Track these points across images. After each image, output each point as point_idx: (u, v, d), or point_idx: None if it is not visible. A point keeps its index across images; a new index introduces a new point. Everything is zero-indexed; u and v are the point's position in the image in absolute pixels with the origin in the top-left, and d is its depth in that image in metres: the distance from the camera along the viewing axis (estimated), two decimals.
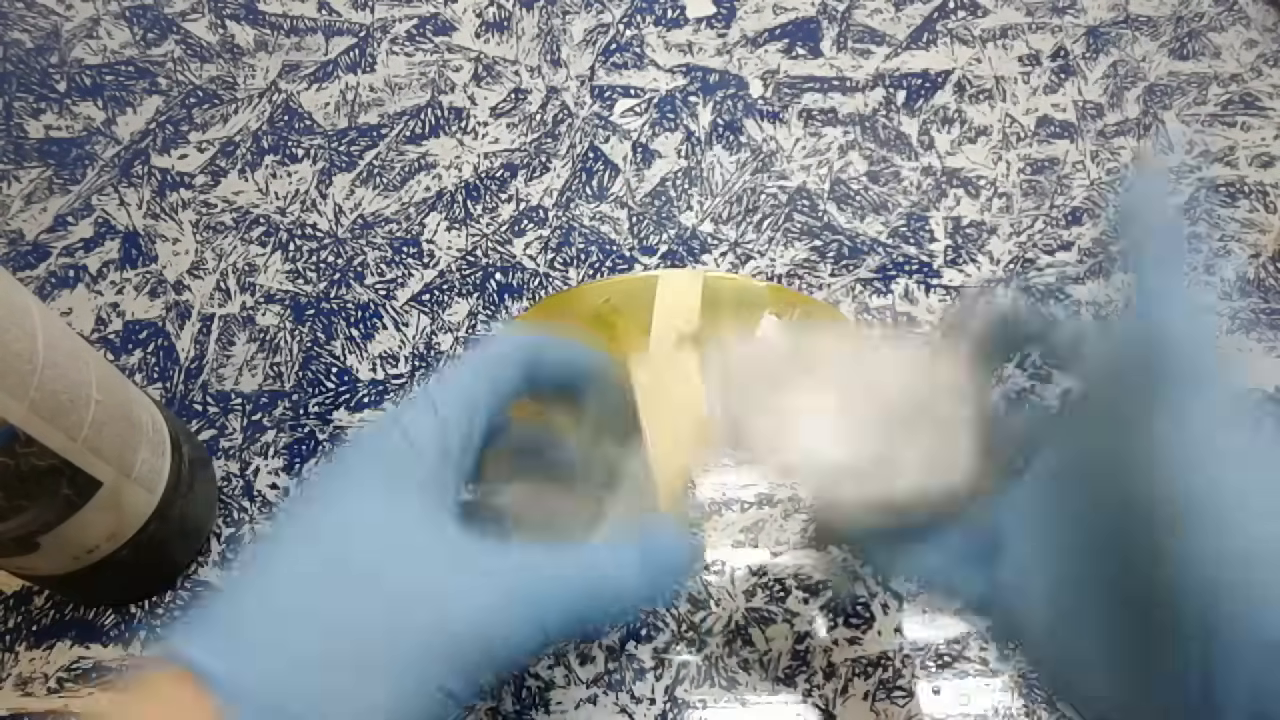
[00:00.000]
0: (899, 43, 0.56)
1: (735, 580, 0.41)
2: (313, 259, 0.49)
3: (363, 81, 0.55)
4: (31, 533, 0.33)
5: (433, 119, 0.53)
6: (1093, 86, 0.54)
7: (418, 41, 0.56)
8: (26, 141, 0.52)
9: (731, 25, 0.57)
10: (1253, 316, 0.47)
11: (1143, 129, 0.53)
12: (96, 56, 0.55)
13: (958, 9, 0.57)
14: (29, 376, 0.30)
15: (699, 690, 0.39)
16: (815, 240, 0.50)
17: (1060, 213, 0.50)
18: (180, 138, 0.53)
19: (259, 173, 0.52)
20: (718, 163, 0.52)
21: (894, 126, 0.53)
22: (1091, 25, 0.57)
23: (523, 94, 0.54)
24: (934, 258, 0.49)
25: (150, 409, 0.38)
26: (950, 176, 0.51)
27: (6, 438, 0.29)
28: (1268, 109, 0.53)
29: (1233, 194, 0.51)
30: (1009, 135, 0.53)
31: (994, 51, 0.56)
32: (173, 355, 0.46)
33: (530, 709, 0.39)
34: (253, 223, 0.50)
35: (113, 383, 0.35)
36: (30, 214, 0.50)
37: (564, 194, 0.51)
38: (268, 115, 0.53)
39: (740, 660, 0.39)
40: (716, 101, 0.54)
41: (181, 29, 0.57)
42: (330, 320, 0.47)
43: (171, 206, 0.51)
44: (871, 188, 0.51)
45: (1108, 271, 0.49)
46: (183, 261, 0.49)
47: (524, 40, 0.56)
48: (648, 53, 0.56)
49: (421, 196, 0.51)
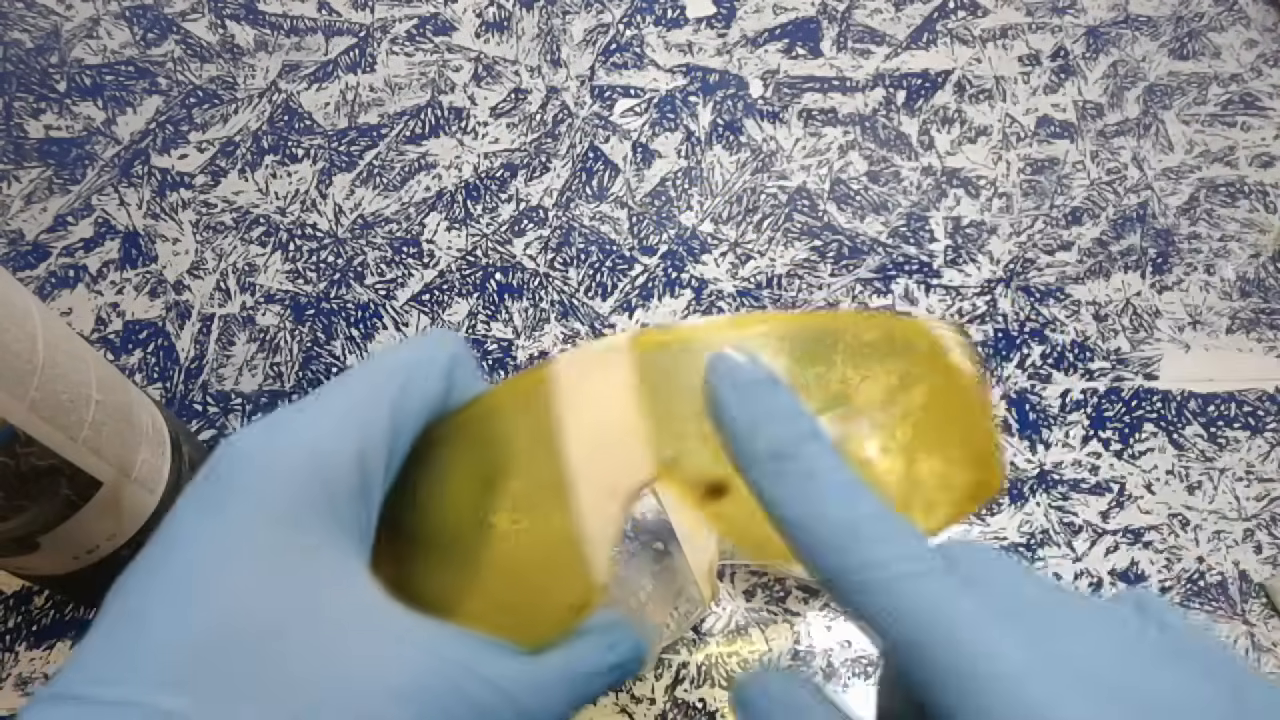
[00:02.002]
0: (899, 43, 0.56)
1: (735, 580, 0.41)
2: (313, 259, 0.49)
3: (363, 81, 0.55)
4: (31, 533, 0.33)
5: (433, 119, 0.53)
6: (1093, 86, 0.54)
7: (418, 41, 0.56)
8: (26, 141, 0.52)
9: (731, 25, 0.57)
10: (1253, 316, 0.47)
11: (1143, 129, 0.53)
12: (96, 56, 0.55)
13: (958, 9, 0.57)
14: (29, 376, 0.30)
15: (699, 690, 0.39)
16: (815, 240, 0.50)
17: (1060, 213, 0.50)
18: (180, 138, 0.53)
19: (259, 173, 0.52)
20: (718, 163, 0.52)
21: (894, 126, 0.53)
22: (1091, 25, 0.57)
23: (523, 94, 0.54)
24: (934, 258, 0.49)
25: (150, 409, 0.38)
26: (950, 176, 0.51)
27: (6, 438, 0.29)
28: (1268, 109, 0.53)
29: (1233, 194, 0.51)
30: (1009, 135, 0.53)
31: (994, 51, 0.56)
32: (173, 355, 0.46)
33: None
34: (253, 223, 0.50)
35: (113, 383, 0.35)
36: (30, 214, 0.50)
37: (564, 194, 0.51)
38: (268, 115, 0.53)
39: (740, 660, 0.39)
40: (716, 101, 0.54)
41: (181, 29, 0.57)
42: (330, 320, 0.47)
43: (171, 206, 0.51)
44: (871, 188, 0.51)
45: (1108, 271, 0.49)
46: (183, 261, 0.49)
47: (524, 40, 0.56)
48: (648, 53, 0.56)
49: (421, 196, 0.51)
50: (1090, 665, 0.17)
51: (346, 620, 0.19)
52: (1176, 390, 0.46)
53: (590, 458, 0.21)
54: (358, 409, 0.21)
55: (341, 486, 0.20)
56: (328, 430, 0.20)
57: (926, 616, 0.17)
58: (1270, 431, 0.44)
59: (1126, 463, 0.44)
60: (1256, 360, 0.46)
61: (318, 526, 0.20)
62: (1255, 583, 0.41)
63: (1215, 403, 0.45)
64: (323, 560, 0.20)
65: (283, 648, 0.18)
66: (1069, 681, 0.16)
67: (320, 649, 0.18)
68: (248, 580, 0.19)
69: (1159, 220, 0.50)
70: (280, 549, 0.19)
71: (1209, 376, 0.46)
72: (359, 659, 0.19)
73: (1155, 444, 0.44)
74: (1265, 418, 0.45)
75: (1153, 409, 0.45)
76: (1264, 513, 0.43)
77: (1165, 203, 0.51)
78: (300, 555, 0.19)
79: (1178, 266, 0.49)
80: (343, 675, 0.18)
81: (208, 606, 0.18)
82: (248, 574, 0.19)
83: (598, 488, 0.21)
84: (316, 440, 0.20)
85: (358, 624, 0.19)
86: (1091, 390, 0.46)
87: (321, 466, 0.20)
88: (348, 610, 0.19)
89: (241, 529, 0.19)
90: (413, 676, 0.19)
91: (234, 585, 0.19)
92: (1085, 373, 0.46)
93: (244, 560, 0.19)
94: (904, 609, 0.17)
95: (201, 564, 0.19)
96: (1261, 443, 0.44)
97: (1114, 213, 0.50)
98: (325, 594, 0.19)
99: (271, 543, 0.19)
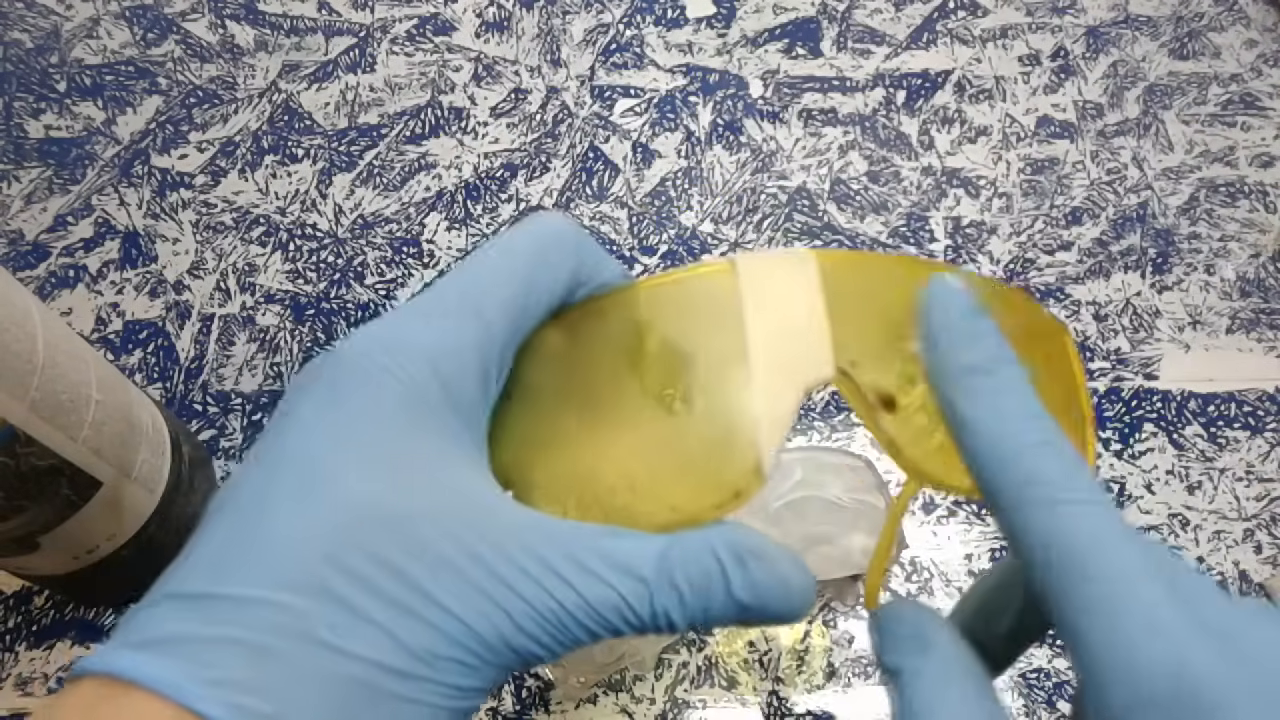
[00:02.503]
0: (899, 43, 0.56)
1: None
2: (313, 259, 0.49)
3: (363, 81, 0.55)
4: (31, 533, 0.33)
5: (433, 119, 0.53)
6: (1093, 86, 0.54)
7: (418, 41, 0.56)
8: (26, 141, 0.52)
9: (731, 25, 0.57)
10: (1253, 316, 0.47)
11: (1142, 129, 0.53)
12: (96, 56, 0.55)
13: (958, 9, 0.57)
14: (29, 376, 0.30)
15: (699, 690, 0.39)
16: (815, 240, 0.50)
17: (1060, 213, 0.50)
18: (180, 138, 0.53)
19: (259, 173, 0.52)
20: (718, 163, 0.52)
21: (894, 126, 0.53)
22: (1091, 25, 0.57)
23: (523, 94, 0.54)
24: (934, 258, 0.49)
25: (150, 409, 0.38)
26: (950, 176, 0.51)
27: (6, 438, 0.29)
28: (1268, 109, 0.53)
29: (1233, 194, 0.51)
30: (1009, 135, 0.53)
31: (994, 51, 0.56)
32: (173, 355, 0.46)
33: (530, 709, 0.39)
34: (253, 223, 0.50)
35: (113, 383, 0.35)
36: (30, 214, 0.50)
37: (564, 194, 0.51)
38: (268, 115, 0.53)
39: (740, 660, 0.39)
40: (716, 101, 0.54)
41: (181, 29, 0.57)
42: (330, 320, 0.47)
43: (171, 206, 0.51)
44: (871, 188, 0.51)
45: (1108, 271, 0.49)
46: (183, 261, 0.49)
47: (524, 40, 0.56)
48: (648, 53, 0.56)
49: (421, 196, 0.51)
50: (1240, 630, 0.17)
51: (470, 519, 0.19)
52: (1176, 390, 0.46)
53: (773, 345, 0.22)
54: (477, 309, 0.20)
55: (461, 386, 0.20)
56: (448, 331, 0.20)
57: (1085, 541, 0.17)
58: (1270, 431, 0.44)
59: (1126, 463, 0.44)
60: (1256, 360, 0.46)
61: (437, 425, 0.19)
62: (1255, 583, 0.41)
63: (1215, 403, 0.45)
64: (446, 458, 0.19)
65: (407, 547, 0.18)
66: (1213, 642, 0.16)
67: (445, 549, 0.18)
68: (371, 477, 0.18)
69: (1159, 220, 0.50)
70: (401, 447, 0.19)
71: (1209, 376, 0.46)
72: (485, 559, 0.18)
73: (1155, 444, 0.44)
74: (1265, 418, 0.45)
75: (1153, 409, 0.45)
76: (1264, 513, 0.43)
77: (1165, 203, 0.50)
78: (423, 454, 0.19)
79: (1178, 266, 0.49)
80: (469, 578, 0.18)
81: (333, 502, 0.18)
82: (371, 471, 0.18)
83: (778, 373, 0.21)
84: (437, 342, 0.20)
85: (481, 523, 0.19)
86: (1091, 390, 0.46)
87: (440, 368, 0.19)
88: (470, 508, 0.19)
89: (362, 425, 0.19)
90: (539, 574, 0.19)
91: (358, 481, 0.18)
92: (1085, 372, 0.46)
93: (367, 456, 0.19)
94: (1063, 530, 0.17)
95: (323, 459, 0.18)
96: (1261, 443, 0.44)
97: (1114, 213, 0.50)
98: (447, 492, 0.19)
99: (393, 440, 0.19)
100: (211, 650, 0.16)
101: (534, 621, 0.18)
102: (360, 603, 0.17)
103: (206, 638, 0.17)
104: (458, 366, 0.20)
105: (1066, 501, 0.17)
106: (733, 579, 0.19)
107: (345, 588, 0.17)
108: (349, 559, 0.17)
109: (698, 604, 0.19)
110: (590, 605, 0.19)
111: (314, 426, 0.19)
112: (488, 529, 0.19)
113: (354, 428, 0.19)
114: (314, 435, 0.19)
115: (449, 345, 0.20)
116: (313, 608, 0.17)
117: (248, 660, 0.16)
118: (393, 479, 0.18)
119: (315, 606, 0.17)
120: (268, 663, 0.16)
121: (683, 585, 0.19)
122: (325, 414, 0.19)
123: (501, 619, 0.18)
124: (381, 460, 0.18)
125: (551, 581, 0.18)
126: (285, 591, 0.17)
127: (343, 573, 0.17)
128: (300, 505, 0.18)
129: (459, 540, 0.18)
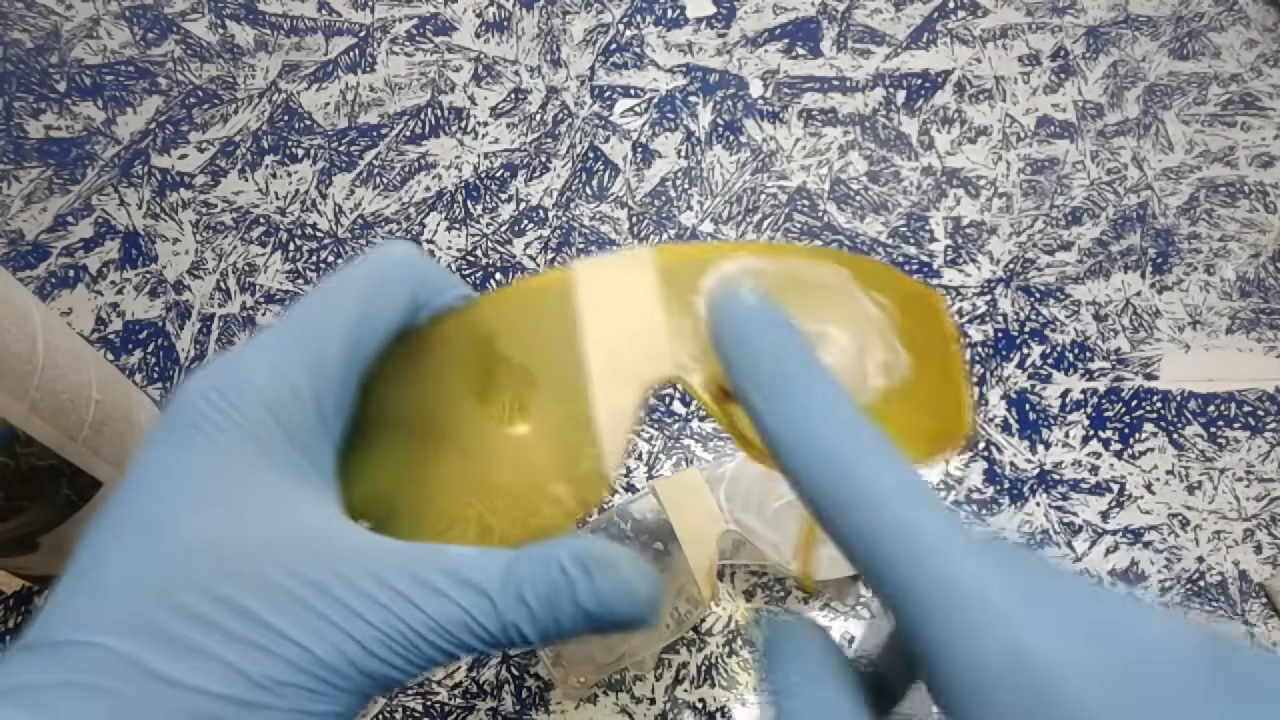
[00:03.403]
0: (899, 43, 0.56)
1: (735, 580, 0.41)
2: (313, 259, 0.49)
3: (363, 81, 0.55)
4: (31, 533, 0.33)
5: (433, 119, 0.53)
6: (1093, 86, 0.54)
7: (418, 41, 0.56)
8: (26, 141, 0.52)
9: (731, 25, 0.57)
10: (1253, 316, 0.47)
11: (1143, 129, 0.53)
12: (96, 56, 0.55)
13: (958, 9, 0.57)
14: (29, 376, 0.30)
15: (699, 690, 0.39)
16: (815, 240, 0.50)
17: (1060, 213, 0.50)
18: (180, 138, 0.53)
19: (259, 173, 0.52)
20: (718, 163, 0.52)
21: (894, 126, 0.53)
22: (1091, 25, 0.57)
23: (523, 94, 0.54)
24: (934, 258, 0.49)
25: (150, 409, 0.38)
26: (950, 176, 0.51)
27: (6, 438, 0.29)
28: (1268, 109, 0.53)
29: (1233, 194, 0.51)
30: (1009, 135, 0.53)
31: (994, 51, 0.56)
32: (173, 355, 0.46)
33: (530, 709, 0.39)
34: (253, 223, 0.50)
35: (113, 383, 0.35)
36: (30, 214, 0.50)
37: (564, 194, 0.51)
38: (268, 115, 0.53)
39: (740, 660, 0.39)
40: (716, 101, 0.54)
41: (181, 29, 0.57)
42: None
43: (171, 206, 0.51)
44: (871, 188, 0.51)
45: (1108, 271, 0.49)
46: (183, 261, 0.49)
47: (524, 40, 0.56)
48: (648, 53, 0.56)
49: (421, 196, 0.51)
50: (1079, 609, 0.16)
51: (307, 547, 0.19)
52: (1176, 390, 0.46)
53: (610, 348, 0.22)
54: (311, 340, 0.21)
55: (296, 420, 0.20)
56: (279, 367, 0.20)
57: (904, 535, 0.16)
58: (1270, 431, 0.44)
59: (1126, 463, 0.44)
60: (1256, 360, 0.46)
61: (273, 461, 0.20)
62: (1255, 583, 0.41)
63: (1215, 403, 0.45)
64: (283, 491, 0.20)
65: (241, 579, 0.18)
66: (1055, 620, 0.16)
67: (280, 578, 0.18)
68: (203, 516, 0.19)
69: (1159, 220, 0.50)
70: (236, 485, 0.19)
71: (1209, 376, 0.46)
72: (323, 584, 0.19)
73: (1155, 444, 0.44)
74: (1265, 418, 0.45)
75: (1153, 409, 0.45)
76: (1264, 513, 0.43)
77: (1165, 203, 0.51)
78: (258, 490, 0.19)
79: (1178, 266, 0.49)
80: (306, 603, 0.18)
81: (163, 544, 0.18)
82: (203, 510, 0.19)
83: (616, 375, 0.22)
84: (268, 378, 0.20)
85: (318, 550, 0.19)
86: (1091, 390, 0.46)
87: (273, 404, 0.20)
88: (307, 537, 0.19)
89: (196, 468, 0.19)
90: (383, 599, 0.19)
91: (192, 524, 0.19)
92: (1085, 373, 0.46)
93: (199, 498, 0.19)
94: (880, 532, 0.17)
95: (155, 504, 0.19)
96: (1261, 443, 0.44)
97: (1114, 213, 0.50)
98: (283, 524, 0.19)
99: (227, 479, 0.19)
100: (52, 695, 0.17)
101: (381, 644, 0.18)
102: (194, 637, 0.18)
103: (48, 684, 0.17)
104: (292, 401, 0.20)
105: (878, 507, 0.17)
106: (579, 589, 0.19)
107: (178, 623, 0.18)
108: (182, 596, 0.18)
109: (547, 616, 0.19)
110: (437, 623, 0.19)
111: (149, 475, 0.20)
112: (325, 555, 0.19)
113: (187, 471, 0.19)
114: (148, 483, 0.19)
115: (281, 380, 0.20)
116: (143, 646, 0.18)
117: (85, 702, 0.17)
118: (226, 516, 0.19)
119: (147, 644, 0.18)
120: (104, 702, 0.17)
121: (530, 598, 0.19)
122: (162, 462, 0.20)
123: (345, 642, 0.18)
124: (214, 499, 0.19)
125: (396, 602, 0.19)
126: (113, 633, 0.18)
127: (175, 610, 0.18)
128: (131, 550, 0.19)
129: (294, 568, 0.18)
